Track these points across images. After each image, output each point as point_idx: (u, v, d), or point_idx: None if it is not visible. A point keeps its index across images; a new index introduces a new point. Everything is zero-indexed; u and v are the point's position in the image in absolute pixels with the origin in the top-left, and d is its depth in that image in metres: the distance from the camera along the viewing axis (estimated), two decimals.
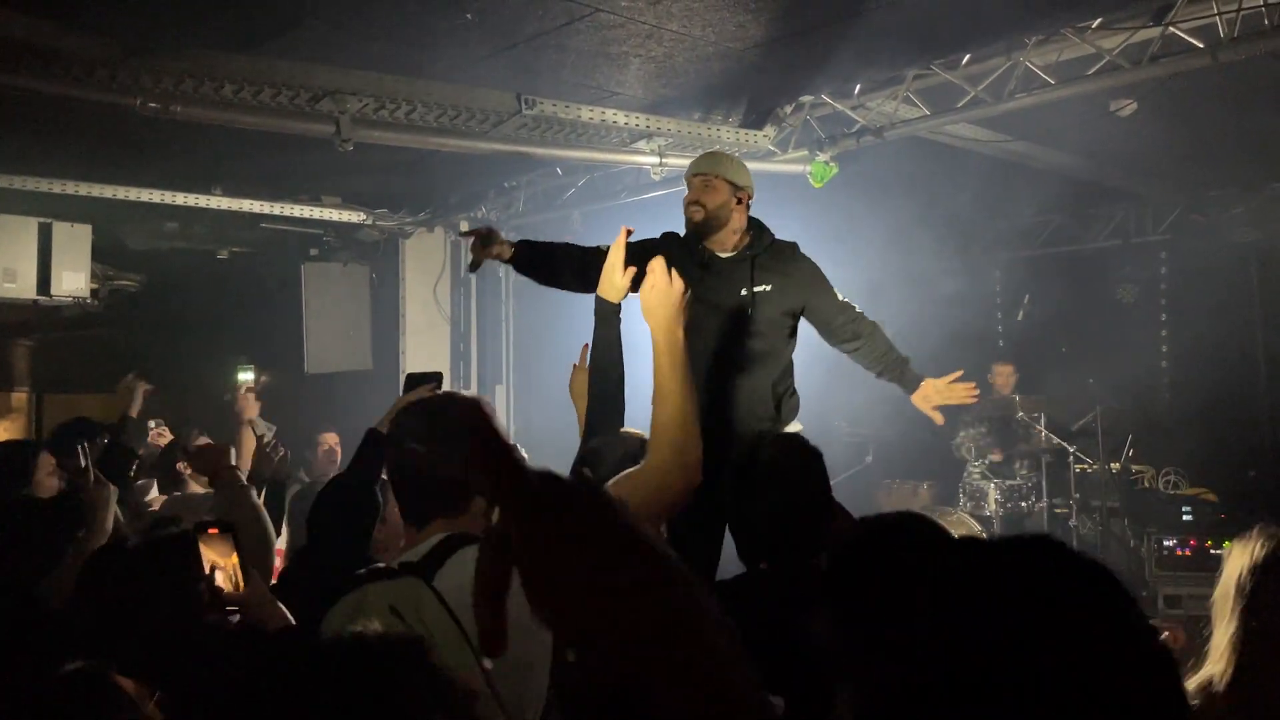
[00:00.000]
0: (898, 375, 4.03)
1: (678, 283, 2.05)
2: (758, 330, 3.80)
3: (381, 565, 2.00)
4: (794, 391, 3.94)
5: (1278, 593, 1.94)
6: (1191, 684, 1.96)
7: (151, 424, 6.17)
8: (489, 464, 0.74)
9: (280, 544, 3.99)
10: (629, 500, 1.95)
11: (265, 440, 4.50)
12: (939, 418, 4.01)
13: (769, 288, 3.81)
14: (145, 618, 2.07)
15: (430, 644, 1.42)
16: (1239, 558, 2.05)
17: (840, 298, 3.95)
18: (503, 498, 0.74)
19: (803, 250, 4.01)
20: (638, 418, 2.79)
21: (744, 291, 3.80)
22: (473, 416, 2.00)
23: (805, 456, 2.59)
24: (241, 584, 2.20)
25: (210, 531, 2.22)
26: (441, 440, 1.97)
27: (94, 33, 4.05)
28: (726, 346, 3.83)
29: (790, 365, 3.94)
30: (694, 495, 2.09)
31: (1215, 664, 1.98)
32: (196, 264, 8.05)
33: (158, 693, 1.99)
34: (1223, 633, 1.99)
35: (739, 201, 3.85)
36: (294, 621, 2.21)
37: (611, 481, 1.97)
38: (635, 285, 3.75)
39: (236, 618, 2.18)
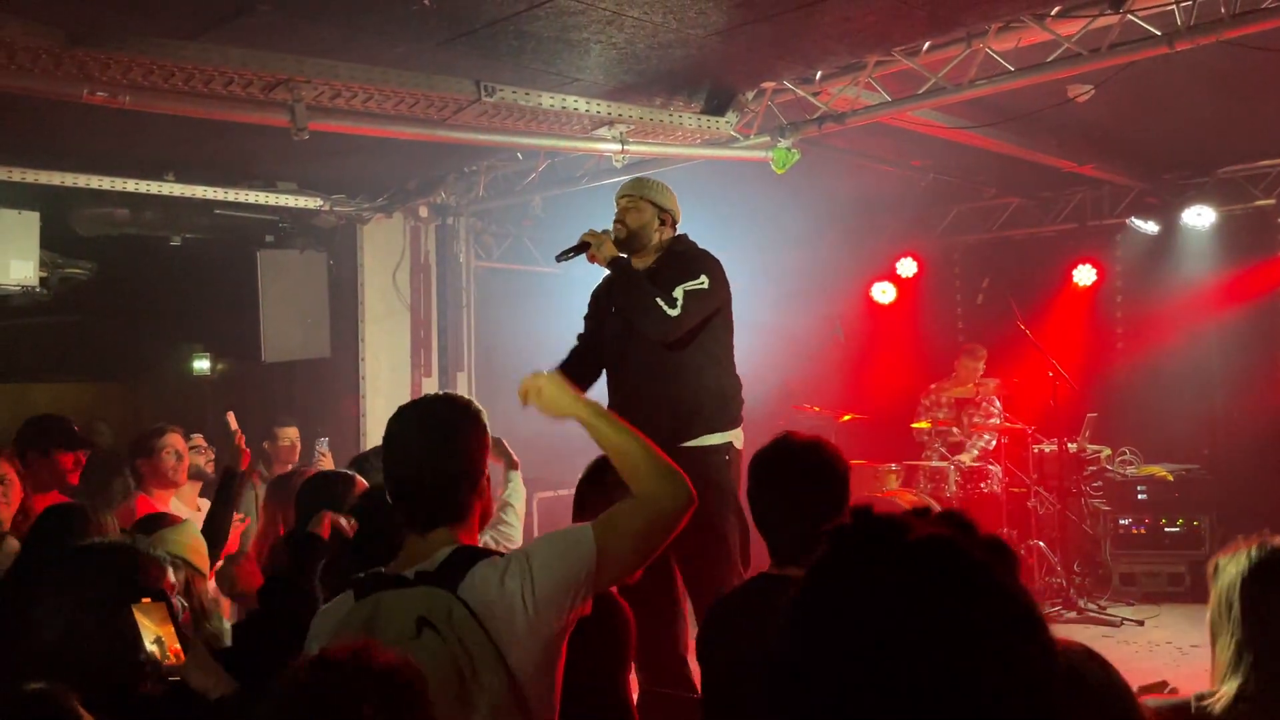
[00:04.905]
0: None
1: (549, 377, 2.18)
2: (644, 342, 3.86)
3: (382, 571, 1.97)
4: (712, 405, 3.86)
5: (1272, 599, 1.92)
6: (1217, 703, 1.93)
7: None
8: None
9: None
10: (632, 526, 1.96)
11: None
12: None
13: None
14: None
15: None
16: (1232, 568, 2.00)
17: (681, 286, 3.82)
18: None
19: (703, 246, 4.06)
20: None
21: None
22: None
23: (833, 463, 2.54)
24: (179, 652, 2.15)
25: (144, 601, 2.16)
26: (445, 446, 1.99)
27: (37, 20, 3.92)
28: (622, 362, 3.97)
29: (701, 373, 3.88)
30: None
31: (1225, 682, 1.95)
32: (149, 251, 7.86)
33: None
34: (1224, 648, 1.97)
35: (663, 223, 4.05)
36: (237, 686, 2.17)
37: (609, 510, 2.01)
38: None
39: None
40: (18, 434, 4.53)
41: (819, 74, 5.46)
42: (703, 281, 3.85)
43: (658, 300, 3.78)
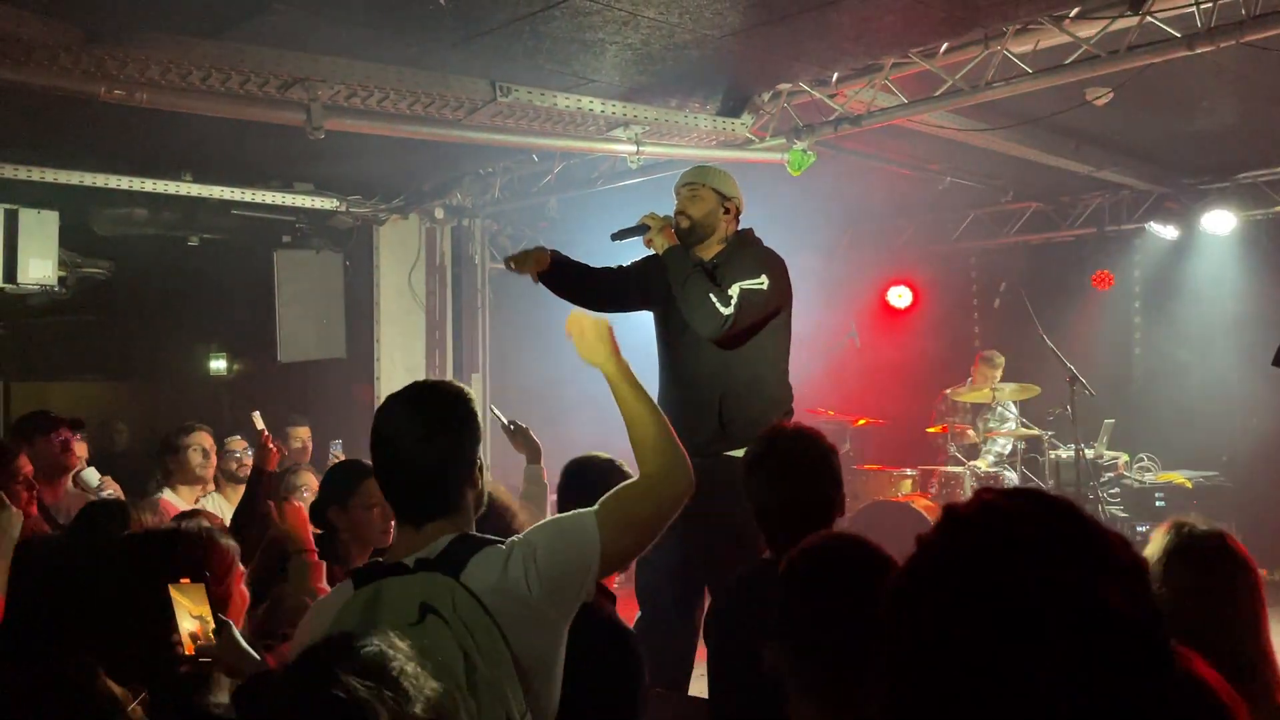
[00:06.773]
0: None
1: (596, 322, 2.15)
2: (699, 339, 3.72)
3: (381, 561, 1.96)
4: (761, 412, 3.69)
5: (1180, 577, 2.00)
6: None
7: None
8: None
9: None
10: (635, 511, 1.95)
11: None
12: None
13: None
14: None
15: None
16: (1152, 547, 2.11)
17: (738, 283, 3.68)
18: None
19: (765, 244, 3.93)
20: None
21: None
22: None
23: (819, 451, 2.62)
24: (213, 634, 2.15)
25: (182, 581, 2.17)
26: (439, 436, 1.95)
27: (56, 18, 3.95)
28: (682, 357, 3.83)
29: (755, 379, 3.75)
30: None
31: None
32: (167, 251, 7.92)
33: (144, 694, 1.96)
34: None
35: (726, 211, 3.89)
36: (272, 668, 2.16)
37: (610, 494, 1.99)
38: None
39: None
40: (9, 440, 4.55)
41: (835, 76, 5.43)
42: (762, 281, 3.71)
43: (711, 296, 3.65)
